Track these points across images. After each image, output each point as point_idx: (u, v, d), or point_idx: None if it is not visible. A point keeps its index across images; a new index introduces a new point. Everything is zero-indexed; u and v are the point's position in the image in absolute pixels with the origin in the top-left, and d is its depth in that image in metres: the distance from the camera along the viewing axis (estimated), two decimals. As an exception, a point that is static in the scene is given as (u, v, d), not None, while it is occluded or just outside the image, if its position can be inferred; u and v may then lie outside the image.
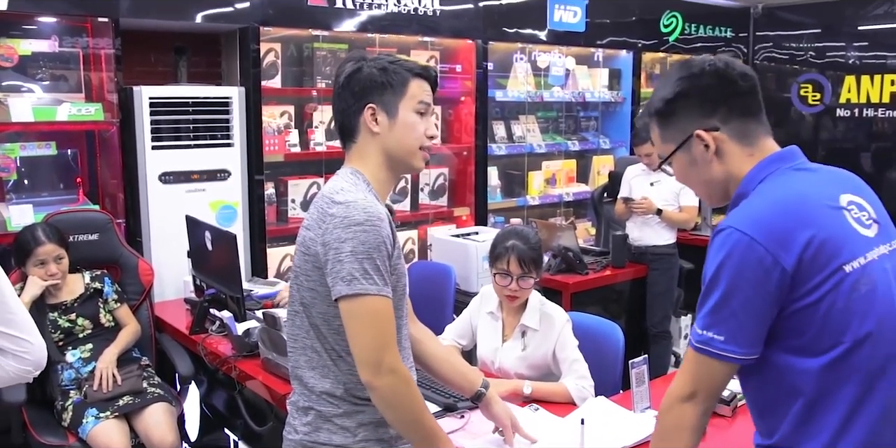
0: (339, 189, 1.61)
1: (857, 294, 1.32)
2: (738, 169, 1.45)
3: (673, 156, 1.50)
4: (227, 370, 2.71)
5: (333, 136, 4.24)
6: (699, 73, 1.43)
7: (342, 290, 1.53)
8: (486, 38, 4.62)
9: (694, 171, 1.49)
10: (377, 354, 1.54)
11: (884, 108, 5.65)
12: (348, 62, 1.70)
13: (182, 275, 3.47)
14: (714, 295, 1.33)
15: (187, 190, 3.57)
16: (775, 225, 1.32)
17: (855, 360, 1.32)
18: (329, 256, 1.55)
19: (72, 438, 2.82)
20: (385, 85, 1.65)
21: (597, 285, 4.01)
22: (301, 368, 1.68)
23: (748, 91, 1.44)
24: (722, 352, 1.33)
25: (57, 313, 3.00)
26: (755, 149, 1.44)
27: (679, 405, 1.39)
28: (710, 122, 1.43)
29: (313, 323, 1.64)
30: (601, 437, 1.96)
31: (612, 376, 2.54)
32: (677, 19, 5.76)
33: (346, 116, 1.68)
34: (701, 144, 1.44)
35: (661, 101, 1.48)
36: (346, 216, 1.54)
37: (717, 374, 1.36)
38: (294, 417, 1.70)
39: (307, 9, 3.89)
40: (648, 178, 4.30)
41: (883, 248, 1.39)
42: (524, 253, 2.43)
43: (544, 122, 5.43)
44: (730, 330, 1.32)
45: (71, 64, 3.56)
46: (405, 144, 1.68)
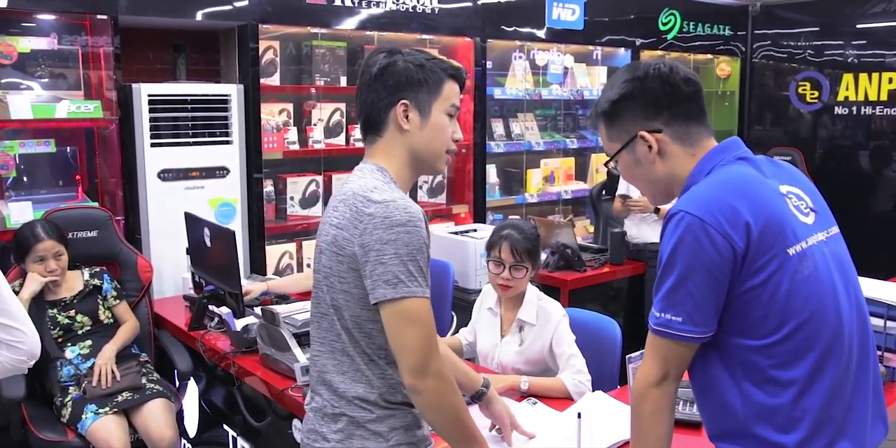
0: (373, 187, 1.55)
1: (800, 276, 1.37)
2: (680, 169, 1.50)
3: (618, 155, 1.55)
4: (226, 366, 2.72)
5: (332, 134, 4.25)
6: (643, 76, 1.48)
7: (387, 294, 1.48)
8: (485, 36, 4.63)
9: (638, 170, 1.54)
10: (424, 358, 1.50)
11: (882, 106, 5.66)
12: (380, 53, 1.63)
13: (181, 272, 3.48)
14: (670, 278, 1.37)
15: (186, 187, 3.58)
16: (723, 206, 1.36)
17: (802, 341, 1.37)
18: (370, 258, 1.49)
19: (71, 434, 2.83)
20: (421, 82, 1.60)
21: (595, 282, 4.02)
22: (329, 373, 1.62)
23: (690, 96, 1.48)
24: (680, 332, 1.38)
25: (56, 310, 3.01)
26: (697, 149, 1.49)
27: (654, 390, 1.43)
28: (654, 124, 1.48)
29: (345, 326, 1.59)
30: (598, 431, 1.97)
31: (609, 371, 2.55)
32: (676, 17, 5.77)
33: (376, 109, 1.61)
34: (644, 145, 1.49)
35: (607, 102, 1.52)
36: (387, 216, 1.49)
37: (682, 354, 1.41)
38: (320, 424, 1.63)
39: (306, 6, 3.90)
40: None
41: (820, 234, 1.45)
42: (517, 242, 2.45)
43: (543, 120, 5.44)
44: (686, 311, 1.37)
45: (70, 61, 3.57)
46: (433, 146, 1.64)
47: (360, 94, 1.64)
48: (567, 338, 2.42)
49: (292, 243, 4.18)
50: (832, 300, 1.40)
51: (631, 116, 1.50)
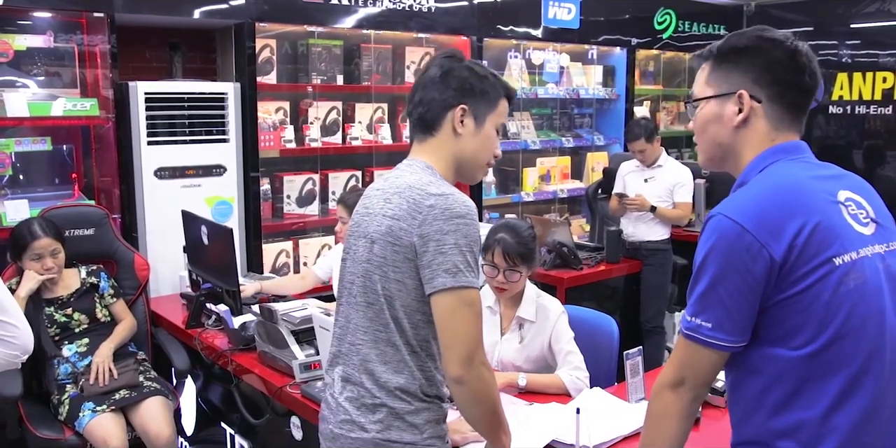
0: (429, 182, 1.60)
1: (844, 288, 1.30)
2: (751, 147, 1.42)
3: (704, 102, 1.46)
4: (224, 364, 2.72)
5: (328, 133, 4.25)
6: (779, 42, 1.39)
7: (446, 282, 1.52)
8: (481, 35, 4.64)
9: (712, 127, 1.45)
10: (472, 347, 1.53)
11: (875, 106, 5.69)
12: (446, 57, 1.68)
13: (178, 270, 3.48)
14: (702, 281, 1.32)
15: (183, 185, 3.58)
16: (766, 213, 1.30)
17: (836, 355, 1.30)
18: (429, 248, 1.53)
19: (68, 432, 2.82)
20: (483, 93, 1.66)
21: (591, 280, 4.03)
22: (372, 362, 1.63)
23: (806, 88, 1.41)
24: (709, 339, 1.32)
25: (53, 308, 3.00)
26: (779, 136, 1.42)
27: (667, 392, 1.39)
28: (757, 91, 1.40)
29: (395, 316, 1.61)
30: (597, 427, 1.97)
31: (606, 368, 2.56)
32: (671, 17, 5.79)
33: (435, 108, 1.65)
34: (737, 105, 1.41)
35: (729, 46, 1.43)
36: (448, 208, 1.54)
37: (705, 361, 1.35)
38: (358, 414, 1.64)
39: (302, 5, 3.90)
40: (642, 174, 4.33)
41: (879, 247, 1.37)
42: (510, 246, 2.43)
43: (539, 119, 5.45)
44: (717, 317, 1.31)
45: (66, 59, 3.56)
46: (480, 155, 1.70)
47: (418, 90, 1.68)
48: (566, 335, 2.43)
49: (289, 241, 4.17)
50: (877, 317, 1.32)
51: (743, 71, 1.40)
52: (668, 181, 4.25)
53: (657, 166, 4.30)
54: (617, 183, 4.48)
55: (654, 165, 4.30)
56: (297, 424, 2.41)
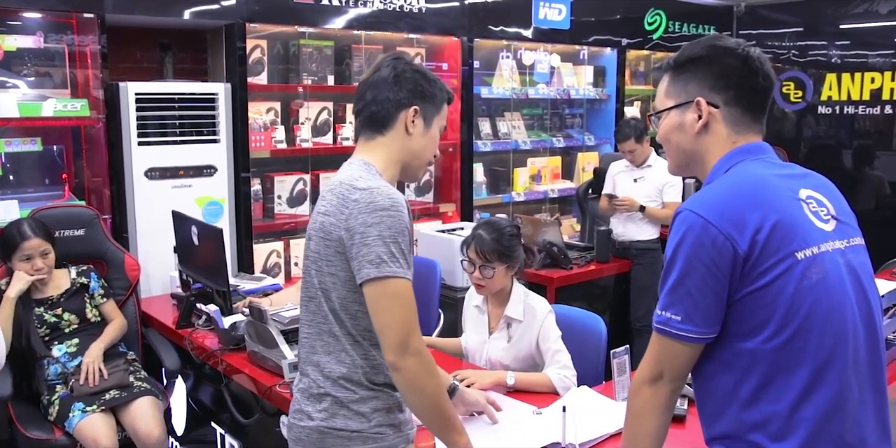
0: (358, 176, 1.64)
1: (807, 281, 1.33)
2: (714, 151, 1.47)
3: (666, 112, 1.52)
4: (214, 364, 2.73)
5: (319, 133, 4.26)
6: (731, 50, 1.45)
7: (370, 273, 1.56)
8: (472, 35, 4.65)
9: (676, 135, 1.51)
10: (404, 335, 1.57)
11: (864, 106, 5.73)
12: (396, 58, 1.72)
13: (168, 270, 3.48)
14: (671, 276, 1.37)
15: (173, 186, 3.58)
16: (730, 207, 1.34)
17: (801, 348, 1.33)
18: (355, 240, 1.58)
19: (58, 432, 2.83)
20: (431, 96, 1.73)
21: (581, 280, 4.05)
22: (317, 354, 1.69)
23: (761, 90, 1.46)
24: (679, 331, 1.36)
25: (43, 308, 3.00)
26: (739, 139, 1.46)
27: (646, 387, 1.42)
28: (714, 98, 1.45)
29: (332, 308, 1.66)
30: (583, 425, 1.99)
31: (594, 367, 2.58)
32: (661, 17, 5.81)
33: (387, 107, 1.69)
34: (695, 113, 1.46)
35: (684, 57, 1.49)
36: (371, 201, 1.58)
37: (680, 354, 1.38)
38: (306, 404, 1.70)
39: (293, 5, 3.90)
40: (632, 174, 4.35)
41: (839, 242, 1.41)
42: (483, 243, 2.45)
43: (529, 119, 5.46)
44: (685, 309, 1.35)
45: (56, 60, 3.56)
46: (424, 156, 1.76)
47: (368, 89, 1.71)
48: (553, 333, 2.44)
49: (280, 242, 4.18)
50: (839, 310, 1.36)
51: (700, 80, 1.46)
52: (658, 181, 4.27)
53: (646, 166, 4.32)
54: (607, 183, 4.50)
55: (643, 165, 4.33)
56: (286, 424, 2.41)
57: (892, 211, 5.57)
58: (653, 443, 1.45)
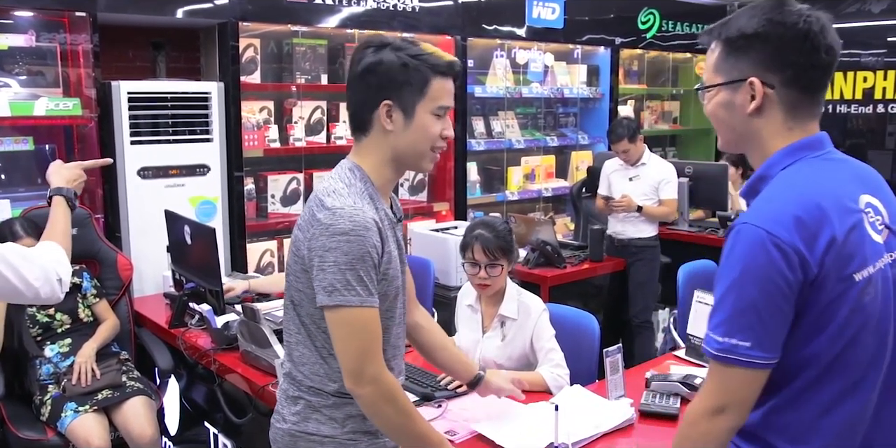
0: (332, 190, 1.55)
1: (859, 304, 1.27)
2: (767, 136, 1.36)
3: (714, 89, 1.38)
4: (207, 363, 2.72)
5: (313, 132, 4.25)
6: (791, 25, 1.29)
7: (323, 300, 1.52)
8: (466, 34, 4.65)
9: (724, 113, 1.38)
10: (359, 364, 1.53)
11: (856, 105, 5.75)
12: (368, 48, 1.57)
13: (161, 270, 3.47)
14: (735, 298, 1.25)
15: (166, 185, 3.57)
16: (798, 223, 1.23)
17: (840, 365, 1.28)
18: (314, 263, 1.52)
19: (50, 433, 2.82)
20: (404, 83, 1.56)
21: (575, 279, 4.05)
22: (293, 362, 1.68)
23: (823, 66, 1.32)
24: (749, 358, 1.24)
25: (35, 308, 2.99)
26: (796, 125, 1.35)
27: (708, 420, 1.29)
28: (769, 77, 1.32)
29: (303, 321, 1.63)
30: (577, 423, 1.99)
31: (587, 366, 2.58)
32: (655, 16, 5.82)
33: (360, 108, 1.60)
34: (748, 93, 1.33)
35: (737, 32, 1.33)
36: (332, 224, 1.50)
37: (746, 383, 1.27)
38: (283, 406, 1.70)
39: (286, 4, 3.90)
40: (627, 172, 4.36)
41: (886, 256, 1.33)
42: (488, 241, 2.46)
43: (523, 118, 5.47)
44: (755, 335, 1.24)
45: (48, 59, 3.54)
46: (417, 147, 1.62)
47: (347, 90, 1.65)
48: (547, 332, 2.45)
49: (273, 241, 4.17)
50: (883, 329, 1.31)
51: (752, 57, 1.32)
52: (653, 179, 4.28)
53: (641, 164, 4.33)
54: (602, 182, 4.51)
55: (637, 164, 4.33)
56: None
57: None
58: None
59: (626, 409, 2.10)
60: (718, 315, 1.27)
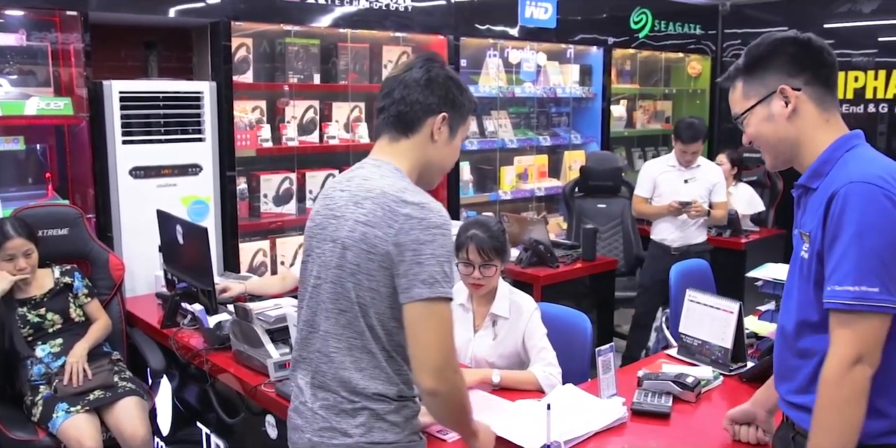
0: (403, 188, 1.59)
1: None
2: (811, 132, 1.54)
3: (752, 111, 1.58)
4: (199, 363, 2.72)
5: (305, 132, 4.25)
6: (792, 38, 1.56)
7: (423, 293, 1.51)
8: (458, 34, 4.65)
9: (768, 127, 1.57)
10: (445, 357, 1.54)
11: (848, 104, 5.77)
12: (429, 60, 1.67)
13: (153, 269, 3.46)
14: (858, 249, 1.37)
15: (158, 185, 3.56)
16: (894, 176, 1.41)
17: None
18: (405, 257, 1.52)
19: (42, 433, 2.80)
20: (461, 105, 1.69)
21: (567, 278, 4.05)
22: (347, 370, 1.61)
23: (830, 64, 1.56)
24: (880, 303, 1.36)
25: (26, 308, 2.98)
26: (830, 116, 1.55)
27: (850, 372, 1.38)
28: (794, 82, 1.54)
29: (369, 323, 1.60)
30: (569, 422, 2.00)
31: (579, 365, 2.59)
32: (647, 16, 5.83)
33: (416, 110, 1.64)
34: (781, 100, 1.54)
35: (753, 58, 1.58)
36: (424, 217, 1.53)
37: (879, 328, 1.38)
38: (338, 421, 1.62)
39: (279, 4, 3.89)
40: (682, 175, 4.24)
41: None
42: (483, 241, 2.46)
43: (516, 118, 5.47)
44: (882, 280, 1.36)
45: (39, 58, 3.53)
46: (445, 165, 1.73)
47: (397, 87, 1.65)
48: (539, 331, 2.45)
49: (266, 241, 4.17)
50: None
51: (773, 72, 1.55)
52: (709, 181, 4.21)
53: (696, 166, 4.22)
54: (643, 183, 4.37)
55: (692, 166, 4.21)
56: (272, 423, 2.41)
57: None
58: (856, 435, 1.41)
59: (619, 408, 2.11)
60: (844, 267, 1.39)
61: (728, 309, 2.43)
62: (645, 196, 4.39)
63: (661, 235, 4.34)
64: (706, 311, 2.51)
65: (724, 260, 4.44)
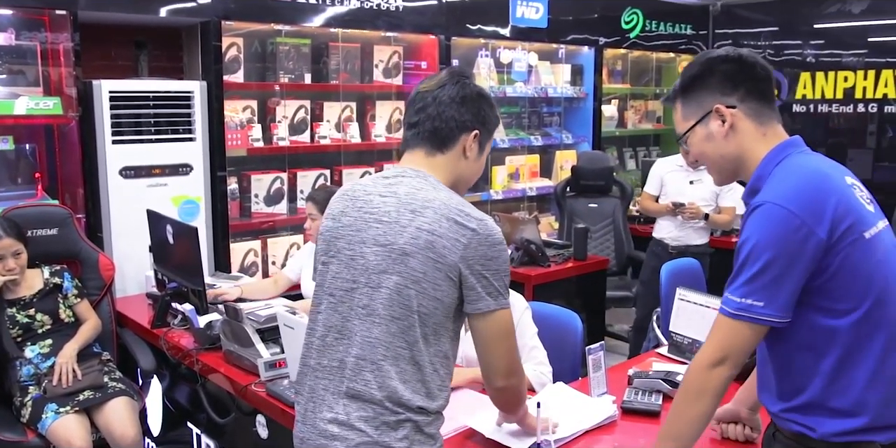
0: (462, 202, 1.63)
1: (874, 258, 1.46)
2: (750, 146, 1.57)
3: (691, 131, 1.63)
4: (190, 363, 2.71)
5: (296, 131, 4.24)
6: (724, 56, 1.59)
7: (490, 305, 1.59)
8: (449, 33, 4.65)
9: (709, 146, 1.61)
10: (511, 359, 1.66)
11: (837, 104, 5.80)
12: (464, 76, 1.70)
13: (144, 270, 3.45)
14: (754, 265, 1.43)
15: (148, 185, 3.55)
16: (808, 198, 1.44)
17: (877, 319, 1.45)
18: (473, 270, 1.57)
19: (31, 434, 2.79)
20: (491, 123, 1.73)
21: (558, 277, 4.06)
22: (393, 380, 1.57)
23: (764, 78, 1.58)
24: (762, 317, 1.44)
25: (15, 309, 2.97)
26: (767, 129, 1.57)
27: (707, 371, 1.49)
28: (729, 100, 1.57)
29: (425, 333, 1.58)
30: (560, 420, 2.00)
31: (570, 363, 2.59)
32: (638, 16, 5.84)
33: (451, 126, 1.66)
34: (718, 119, 1.57)
35: (687, 79, 1.62)
36: (489, 234, 1.59)
37: (749, 338, 1.47)
38: (379, 434, 1.56)
39: (270, 3, 3.89)
40: (688, 175, 4.24)
41: (881, 223, 1.53)
42: None
43: (507, 118, 5.47)
44: (769, 296, 1.43)
45: (28, 58, 3.51)
46: (472, 180, 1.77)
47: (432, 103, 1.66)
48: (530, 330, 2.45)
49: (257, 241, 4.16)
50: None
51: (708, 92, 1.58)
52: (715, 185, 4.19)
53: (702, 168, 4.16)
54: (652, 180, 4.38)
55: (699, 168, 4.17)
56: (262, 423, 2.41)
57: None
58: (702, 425, 1.54)
59: (609, 407, 2.12)
60: (739, 279, 1.46)
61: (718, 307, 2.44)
62: (653, 193, 4.39)
63: (661, 234, 4.36)
64: (696, 310, 2.51)
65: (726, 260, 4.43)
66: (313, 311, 1.71)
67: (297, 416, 1.71)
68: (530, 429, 1.91)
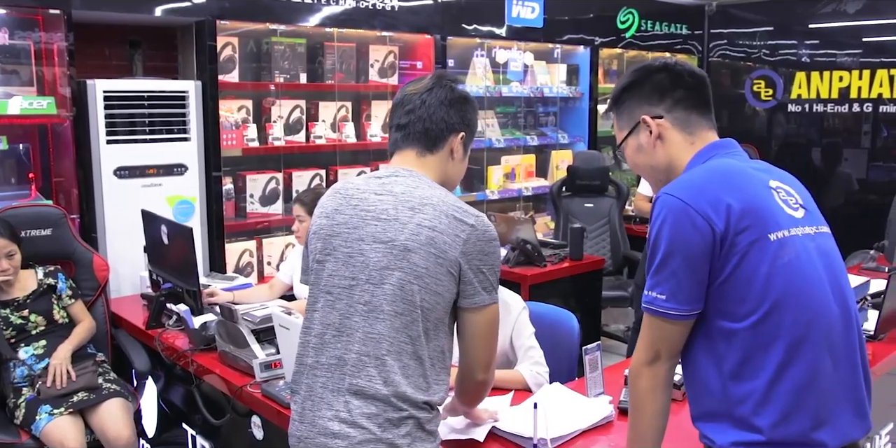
0: (457, 200, 1.67)
1: (780, 261, 1.42)
2: (678, 155, 1.57)
3: (625, 142, 1.63)
4: (185, 364, 2.70)
5: (292, 131, 4.23)
6: (651, 67, 1.60)
7: (485, 299, 1.64)
8: (445, 33, 4.64)
9: (640, 157, 1.62)
10: (494, 354, 1.71)
11: (832, 104, 5.81)
12: (451, 80, 1.75)
13: (138, 270, 3.44)
14: (656, 257, 1.45)
15: (143, 185, 3.54)
16: (706, 190, 1.44)
17: (775, 324, 1.41)
18: (471, 266, 1.61)
19: (24, 436, 2.78)
20: (474, 125, 1.79)
21: (555, 277, 4.06)
22: (396, 375, 1.57)
23: (694, 86, 1.57)
24: (664, 310, 1.44)
25: (9, 310, 2.95)
26: (696, 139, 1.57)
27: (647, 369, 1.50)
28: (656, 111, 1.57)
29: (426, 328, 1.60)
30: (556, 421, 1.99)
31: (567, 363, 2.58)
32: (634, 16, 5.85)
33: (441, 128, 1.71)
34: (646, 130, 1.57)
35: (617, 90, 1.64)
36: (486, 230, 1.64)
37: (671, 331, 1.47)
38: (382, 431, 1.56)
39: (265, 3, 3.87)
40: None
41: (808, 228, 1.50)
42: None
43: (503, 117, 5.47)
44: (670, 288, 1.43)
45: (22, 57, 3.49)
46: (457, 180, 1.82)
47: (421, 105, 1.70)
48: (526, 330, 2.44)
49: (252, 241, 4.15)
50: (812, 289, 1.44)
51: (636, 103, 1.59)
52: None
53: None
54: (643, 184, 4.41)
55: None
56: (258, 424, 2.40)
57: (859, 207, 5.63)
58: (660, 420, 1.53)
59: (606, 407, 2.11)
60: (648, 273, 1.48)
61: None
62: (648, 194, 4.38)
63: None
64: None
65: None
66: (309, 310, 1.71)
67: (293, 415, 1.70)
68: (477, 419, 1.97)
